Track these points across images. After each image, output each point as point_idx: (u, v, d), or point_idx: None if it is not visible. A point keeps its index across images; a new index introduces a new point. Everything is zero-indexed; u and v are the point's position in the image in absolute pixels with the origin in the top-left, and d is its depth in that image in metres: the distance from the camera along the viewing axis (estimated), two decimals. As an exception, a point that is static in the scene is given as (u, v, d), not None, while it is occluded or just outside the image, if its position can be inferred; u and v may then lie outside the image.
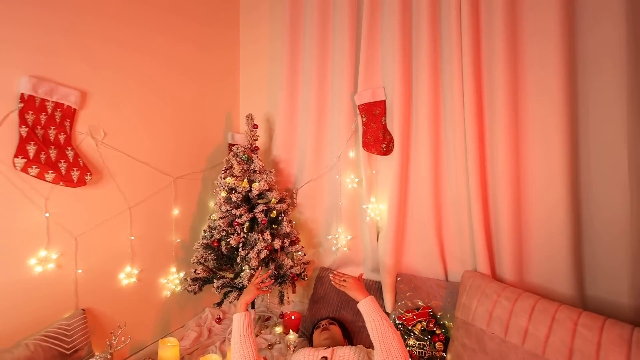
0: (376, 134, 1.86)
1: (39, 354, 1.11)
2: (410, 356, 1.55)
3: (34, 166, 1.16)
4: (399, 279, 1.81)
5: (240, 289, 1.71)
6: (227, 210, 1.73)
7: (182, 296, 1.88)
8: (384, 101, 1.87)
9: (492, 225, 1.65)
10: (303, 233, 2.12)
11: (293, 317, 1.97)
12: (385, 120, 1.87)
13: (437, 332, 1.57)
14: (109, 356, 1.21)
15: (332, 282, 1.43)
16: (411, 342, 1.57)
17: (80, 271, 1.35)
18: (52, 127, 1.23)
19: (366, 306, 1.27)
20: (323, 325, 1.61)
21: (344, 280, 1.39)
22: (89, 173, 1.32)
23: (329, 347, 1.33)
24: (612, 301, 1.44)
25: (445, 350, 1.51)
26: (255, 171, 1.83)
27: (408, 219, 1.87)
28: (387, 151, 1.83)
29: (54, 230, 1.26)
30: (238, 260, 1.70)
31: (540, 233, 1.56)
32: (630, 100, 1.36)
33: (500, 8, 1.56)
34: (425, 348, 1.54)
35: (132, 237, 1.57)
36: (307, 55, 2.12)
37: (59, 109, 1.25)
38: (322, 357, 1.24)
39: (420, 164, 1.81)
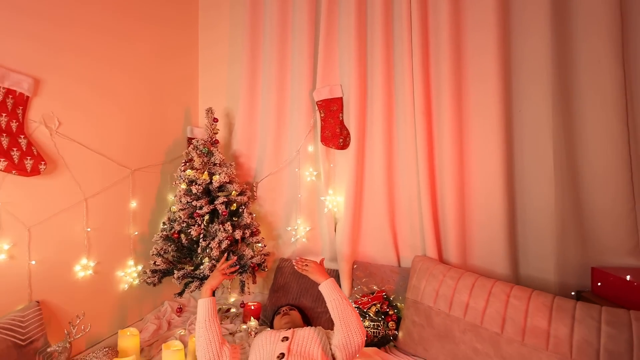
0: (334, 129, 2.00)
1: (-8, 345, 1.09)
2: (366, 337, 1.69)
3: (-17, 154, 1.12)
4: (355, 266, 1.96)
5: (202, 279, 1.75)
6: (188, 202, 1.76)
7: (140, 289, 1.87)
8: (341, 98, 2.01)
9: (440, 214, 1.83)
10: (263, 226, 2.19)
11: (253, 307, 2.04)
12: (342, 116, 2.01)
13: (390, 312, 1.72)
14: (67, 345, 1.20)
15: (295, 267, 1.50)
16: (366, 323, 1.69)
17: (34, 262, 1.31)
18: (4, 114, 1.19)
19: (327, 287, 1.36)
20: (283, 310, 1.69)
21: (306, 265, 1.47)
22: (43, 162, 1.30)
23: (290, 328, 1.41)
24: (541, 278, 1.66)
25: (397, 329, 1.67)
26: (215, 164, 1.88)
27: (364, 210, 2.02)
28: (344, 145, 1.98)
29: (6, 220, 1.23)
30: (199, 251, 1.74)
31: (480, 221, 1.76)
32: (554, 102, 1.60)
33: (445, 12, 1.75)
34: (379, 328, 1.67)
35: (89, 229, 1.54)
36: (267, 52, 2.19)
37: (10, 96, 1.21)
38: (283, 337, 1.30)
39: (375, 158, 1.96)
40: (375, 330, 1.67)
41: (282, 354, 1.19)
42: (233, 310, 2.12)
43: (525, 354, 1.24)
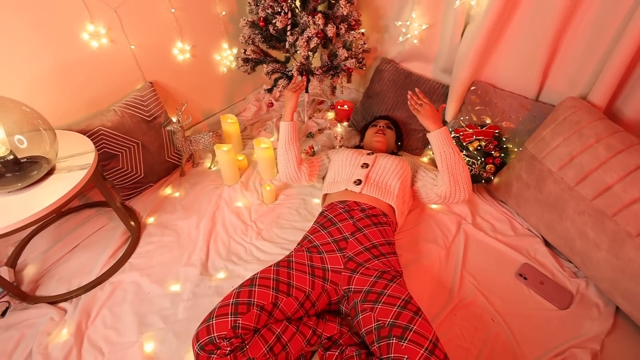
0: None
1: (127, 119, 1.35)
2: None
3: None
4: (473, 87, 1.54)
5: (290, 77, 1.66)
6: (272, -20, 1.39)
7: (239, 72, 1.91)
8: None
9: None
10: (367, 12, 1.75)
11: (346, 107, 1.98)
12: None
13: (495, 155, 1.46)
14: (179, 128, 1.43)
15: (408, 102, 1.26)
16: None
17: (133, 47, 1.36)
18: None
19: (438, 137, 1.17)
20: (380, 126, 1.53)
21: (421, 105, 1.22)
22: None
23: (373, 153, 1.32)
24: None
25: (495, 174, 1.46)
26: None
27: (519, 9, 1.32)
28: None
29: (91, 3, 1.18)
30: (287, 46, 1.54)
31: None
32: None
33: None
34: (474, 166, 1.48)
35: (173, 10, 1.43)
36: None
37: None
38: (364, 164, 1.26)
39: None
40: (468, 167, 1.49)
41: (359, 180, 1.20)
42: (326, 103, 2.12)
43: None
